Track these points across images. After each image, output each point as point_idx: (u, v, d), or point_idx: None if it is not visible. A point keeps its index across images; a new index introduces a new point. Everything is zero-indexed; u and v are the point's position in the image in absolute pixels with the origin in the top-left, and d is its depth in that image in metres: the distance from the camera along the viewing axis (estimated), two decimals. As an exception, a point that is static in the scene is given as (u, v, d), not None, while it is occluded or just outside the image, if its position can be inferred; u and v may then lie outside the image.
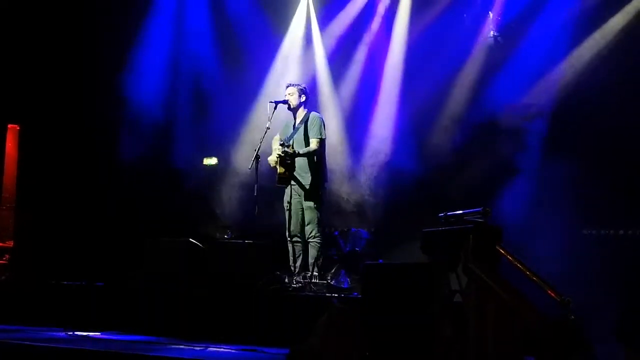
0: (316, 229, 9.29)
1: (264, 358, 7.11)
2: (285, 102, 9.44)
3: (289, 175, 9.24)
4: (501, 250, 6.14)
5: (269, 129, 9.33)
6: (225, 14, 12.25)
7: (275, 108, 9.36)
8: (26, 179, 11.56)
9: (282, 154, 9.06)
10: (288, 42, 12.18)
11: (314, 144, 9.25)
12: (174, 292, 8.82)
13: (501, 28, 10.74)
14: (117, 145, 11.75)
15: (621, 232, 9.28)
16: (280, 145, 9.10)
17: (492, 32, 10.82)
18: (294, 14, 12.18)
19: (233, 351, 7.50)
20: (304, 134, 9.29)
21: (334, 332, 6.25)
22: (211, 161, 12.06)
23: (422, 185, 10.76)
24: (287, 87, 9.51)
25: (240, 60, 12.11)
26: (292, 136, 9.38)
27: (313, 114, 9.48)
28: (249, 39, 12.12)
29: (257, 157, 9.21)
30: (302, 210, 9.32)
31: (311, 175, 9.29)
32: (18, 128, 11.74)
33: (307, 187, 9.26)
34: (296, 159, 9.22)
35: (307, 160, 9.30)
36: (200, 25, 12.34)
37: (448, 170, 10.71)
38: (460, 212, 6.74)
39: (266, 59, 12.09)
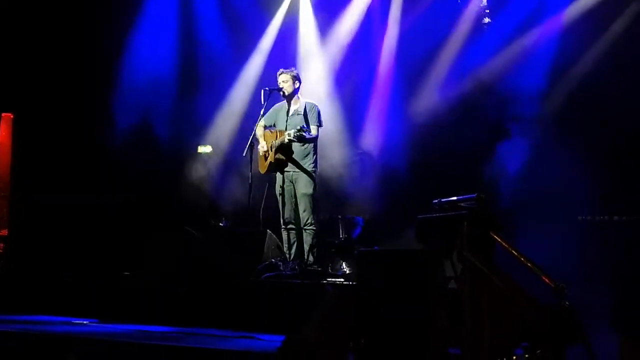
0: (311, 216, 9.31)
1: (259, 345, 7.10)
2: (280, 89, 9.42)
3: (286, 160, 9.25)
4: (495, 236, 6.14)
5: (263, 116, 9.32)
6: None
7: (269, 95, 9.35)
8: (21, 167, 11.52)
9: (293, 138, 9.03)
10: (279, 27, 12.16)
11: (314, 131, 9.26)
12: (169, 279, 8.82)
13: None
14: (112, 133, 11.72)
15: (616, 218, 9.28)
16: (292, 130, 9.04)
17: (486, 19, 10.82)
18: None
19: (227, 336, 7.51)
20: (304, 121, 9.27)
21: (328, 320, 6.24)
22: (206, 149, 12.04)
23: (417, 172, 10.76)
24: (280, 73, 9.47)
25: (239, 44, 12.09)
26: (287, 123, 9.36)
27: (311, 103, 9.47)
28: (245, 24, 12.11)
29: (251, 144, 9.21)
30: (296, 197, 9.33)
31: (310, 160, 9.30)
32: (12, 117, 11.68)
33: (310, 172, 9.27)
34: (293, 145, 9.22)
35: (304, 147, 9.30)
36: (199, 11, 12.33)
37: (443, 157, 10.70)
38: (455, 198, 6.74)
39: (260, 44, 12.09)
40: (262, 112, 9.34)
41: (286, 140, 9.12)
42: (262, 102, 9.35)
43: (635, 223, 9.13)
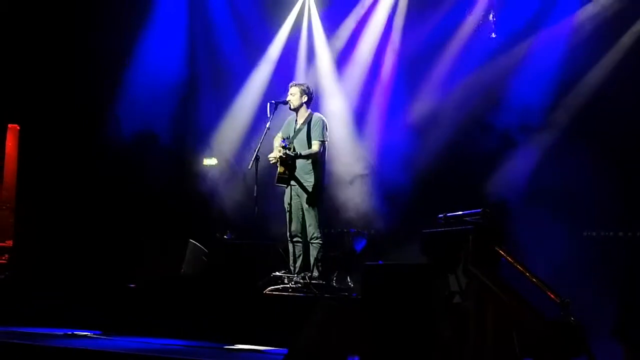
0: (317, 230, 9.30)
1: (264, 358, 7.10)
2: (285, 102, 9.45)
3: (289, 175, 9.26)
4: (501, 251, 6.14)
5: (268, 129, 9.34)
6: (230, 7, 12.28)
7: (275, 108, 9.37)
8: (26, 178, 11.54)
9: (284, 156, 9.07)
10: (284, 39, 12.19)
11: (315, 147, 9.26)
12: (173, 292, 8.82)
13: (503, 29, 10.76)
14: (117, 145, 11.74)
15: (620, 234, 9.29)
16: (282, 147, 9.10)
17: (492, 34, 10.82)
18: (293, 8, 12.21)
19: (233, 349, 7.51)
20: (307, 135, 9.29)
21: (330, 329, 6.24)
22: (211, 161, 12.07)
23: (422, 186, 10.75)
24: (291, 86, 9.50)
25: (247, 54, 12.13)
26: (294, 136, 9.38)
27: (316, 116, 9.48)
28: (254, 33, 12.16)
29: (257, 157, 9.22)
30: (303, 211, 9.33)
31: (312, 176, 9.30)
32: (18, 128, 11.73)
33: (309, 188, 9.27)
34: (297, 160, 9.23)
35: (308, 162, 9.30)
36: (207, 17, 12.37)
37: (449, 171, 10.70)
38: (460, 213, 6.74)
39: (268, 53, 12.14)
40: (267, 125, 9.35)
41: (284, 156, 9.14)
42: (268, 115, 9.36)
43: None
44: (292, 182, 9.31)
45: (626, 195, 9.47)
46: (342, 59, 11.88)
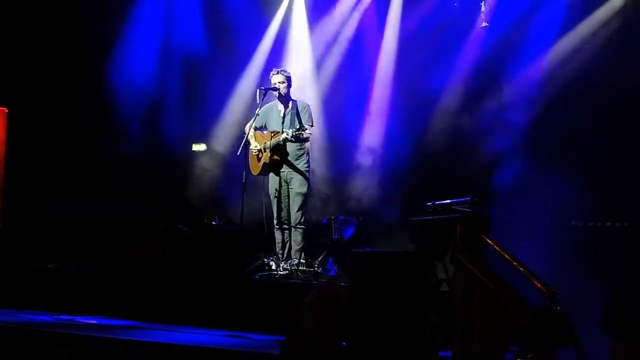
0: (303, 216, 9.32)
1: (254, 344, 7.10)
2: (275, 89, 9.43)
3: (281, 161, 9.25)
4: (488, 240, 6.15)
5: (258, 115, 9.33)
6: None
7: (265, 94, 9.35)
8: (14, 162, 11.47)
9: (291, 137, 9.02)
10: (274, 28, 12.15)
11: (309, 130, 9.26)
12: (161, 277, 8.81)
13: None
14: (106, 129, 11.69)
15: (608, 224, 9.32)
16: (290, 130, 9.04)
17: (483, 23, 10.82)
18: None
19: (220, 336, 7.51)
20: (295, 121, 9.28)
21: (325, 313, 6.22)
22: (200, 147, 12.04)
23: (411, 174, 10.77)
24: (275, 74, 9.46)
25: (229, 45, 12.07)
26: (281, 123, 9.36)
27: (302, 101, 9.52)
28: (238, 23, 12.09)
29: (245, 143, 9.22)
30: (289, 197, 9.33)
31: (302, 162, 9.32)
32: (6, 111, 11.65)
33: (300, 174, 9.27)
34: (288, 146, 9.23)
35: (298, 148, 9.31)
36: (189, 8, 12.28)
37: (437, 160, 10.71)
38: (448, 201, 6.74)
39: (253, 44, 12.08)
40: (257, 112, 9.35)
41: (281, 140, 9.12)
42: (258, 102, 9.35)
43: (627, 229, 9.17)
44: (282, 169, 9.30)
45: (614, 185, 9.51)
46: (328, 50, 11.86)
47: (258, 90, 9.43)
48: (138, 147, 11.70)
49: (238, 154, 9.29)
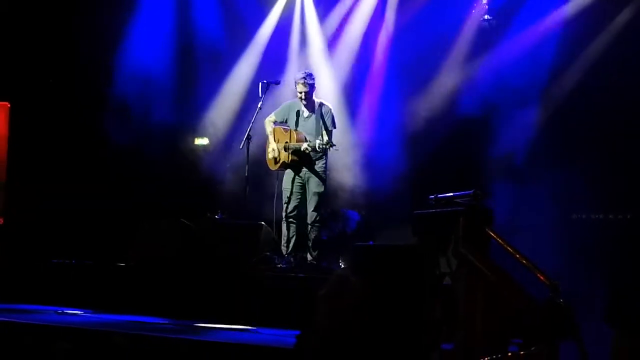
0: (320, 215, 9.38)
1: (263, 339, 7.08)
2: (277, 82, 9.44)
3: (299, 161, 9.21)
4: (491, 233, 6.14)
5: (260, 109, 9.32)
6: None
7: (267, 88, 9.34)
8: (17, 156, 11.48)
9: (313, 150, 9.02)
10: (277, 19, 12.13)
11: (331, 135, 9.27)
12: (164, 272, 8.81)
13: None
14: (108, 122, 11.68)
15: (611, 216, 9.31)
16: (317, 142, 9.02)
17: (485, 16, 10.82)
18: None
19: (227, 331, 7.51)
20: (318, 124, 9.25)
21: (340, 304, 6.20)
22: (203, 141, 12.04)
23: (413, 167, 10.76)
24: (302, 83, 9.28)
25: (237, 36, 12.05)
26: (300, 124, 9.35)
27: (326, 106, 9.45)
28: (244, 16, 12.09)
29: (248, 137, 9.21)
30: (306, 196, 9.32)
31: (322, 162, 9.33)
32: (9, 106, 11.66)
33: (322, 174, 9.34)
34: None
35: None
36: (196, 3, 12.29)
37: (439, 153, 10.70)
38: (451, 194, 6.73)
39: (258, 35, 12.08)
40: (259, 105, 9.33)
41: (303, 149, 9.09)
42: (260, 95, 9.34)
43: (630, 221, 9.17)
44: (301, 169, 9.28)
45: (617, 177, 9.51)
46: (333, 41, 11.85)
47: (260, 83, 9.41)
48: (141, 139, 11.69)
49: (241, 147, 9.29)
